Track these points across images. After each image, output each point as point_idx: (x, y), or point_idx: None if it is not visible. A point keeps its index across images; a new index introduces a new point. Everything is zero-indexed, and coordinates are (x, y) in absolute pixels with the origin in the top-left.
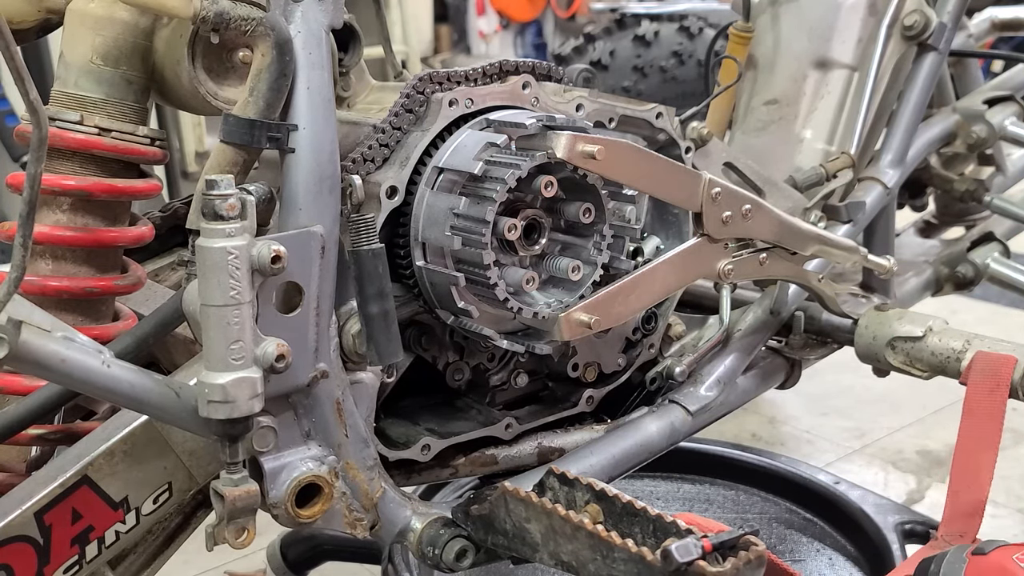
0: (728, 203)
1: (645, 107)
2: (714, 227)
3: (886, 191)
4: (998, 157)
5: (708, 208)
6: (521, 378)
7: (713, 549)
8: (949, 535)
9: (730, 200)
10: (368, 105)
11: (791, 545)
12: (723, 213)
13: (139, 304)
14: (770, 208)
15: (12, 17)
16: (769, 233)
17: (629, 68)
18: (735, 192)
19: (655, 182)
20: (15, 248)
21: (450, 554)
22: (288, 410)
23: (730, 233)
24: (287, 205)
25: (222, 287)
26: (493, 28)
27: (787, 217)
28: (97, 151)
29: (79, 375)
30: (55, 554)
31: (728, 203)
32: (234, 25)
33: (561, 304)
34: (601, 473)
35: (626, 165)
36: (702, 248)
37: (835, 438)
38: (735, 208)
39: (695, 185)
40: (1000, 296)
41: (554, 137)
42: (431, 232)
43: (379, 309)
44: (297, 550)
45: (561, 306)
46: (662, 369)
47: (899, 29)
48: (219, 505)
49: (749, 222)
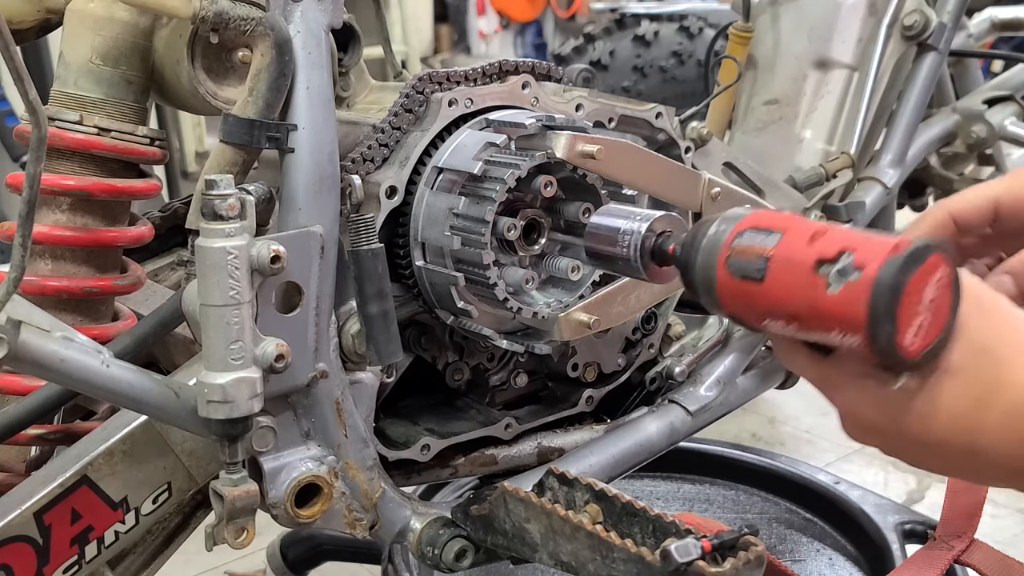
0: (728, 202)
1: (645, 107)
2: None
3: (886, 191)
4: (998, 157)
5: (708, 207)
6: (521, 378)
7: (713, 549)
8: (947, 535)
9: (730, 200)
10: (368, 105)
11: (791, 545)
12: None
13: (139, 304)
14: (769, 208)
15: (12, 17)
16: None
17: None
18: (734, 192)
19: (655, 182)
20: (14, 248)
21: (450, 554)
22: (288, 410)
23: None
24: (287, 205)
25: (221, 287)
26: (493, 28)
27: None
28: (96, 151)
29: (78, 375)
30: (54, 554)
31: (728, 202)
32: (233, 25)
33: (561, 304)
34: (601, 473)
35: (626, 165)
36: None
37: (835, 438)
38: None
39: (695, 185)
40: None
41: (553, 137)
42: (431, 232)
43: (379, 309)
44: (297, 550)
45: (561, 306)
46: (662, 369)
47: (899, 29)
48: (219, 505)
49: None
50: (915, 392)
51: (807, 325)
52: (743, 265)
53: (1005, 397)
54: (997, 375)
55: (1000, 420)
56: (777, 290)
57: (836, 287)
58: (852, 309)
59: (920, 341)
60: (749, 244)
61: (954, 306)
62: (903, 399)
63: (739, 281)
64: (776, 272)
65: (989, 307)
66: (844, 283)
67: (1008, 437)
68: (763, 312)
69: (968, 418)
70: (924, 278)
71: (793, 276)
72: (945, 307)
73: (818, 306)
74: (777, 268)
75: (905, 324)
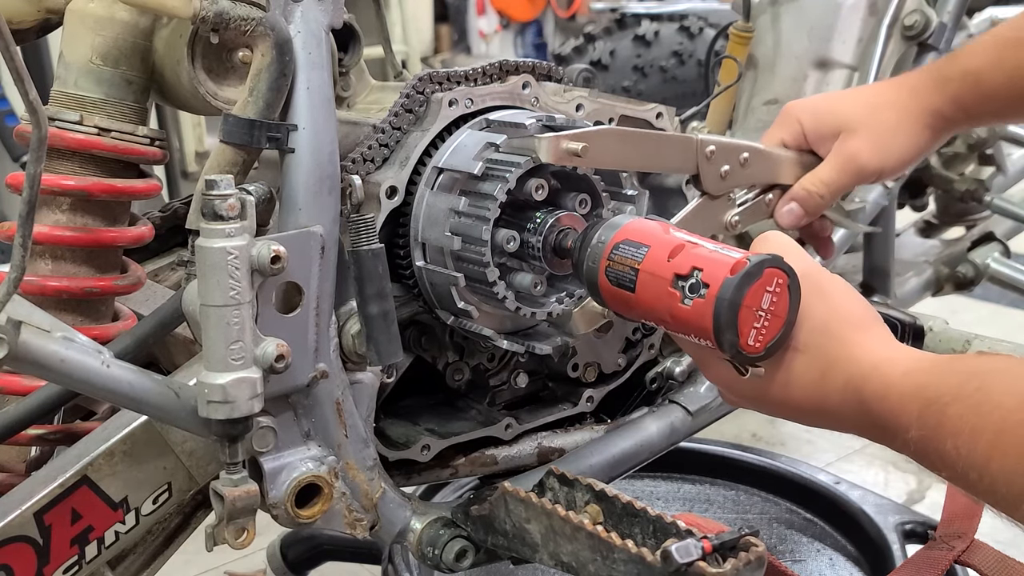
0: (724, 157)
1: (645, 107)
2: (713, 184)
3: (886, 191)
4: (998, 157)
5: (705, 167)
6: (521, 378)
7: (713, 550)
8: (947, 535)
9: (726, 153)
10: (368, 105)
11: (791, 545)
12: (721, 168)
13: (139, 304)
14: (765, 149)
15: (12, 17)
16: (770, 173)
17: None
18: (729, 144)
19: (648, 157)
20: (15, 248)
21: (450, 554)
22: (288, 410)
23: (729, 185)
24: (287, 205)
25: (222, 287)
26: (493, 28)
27: (781, 151)
28: (97, 151)
29: (78, 375)
30: (55, 554)
31: (724, 157)
32: (234, 25)
33: (571, 299)
34: (601, 473)
35: (614, 151)
36: (705, 207)
37: (835, 438)
38: (732, 160)
39: (688, 148)
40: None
41: (536, 142)
42: (431, 232)
43: (379, 309)
44: (297, 550)
45: (572, 301)
46: (662, 369)
47: (899, 29)
48: (219, 505)
49: (749, 169)
50: (772, 370)
51: (671, 327)
52: (619, 275)
53: (842, 370)
54: (836, 351)
55: (840, 389)
56: (645, 299)
57: (688, 302)
58: (702, 321)
59: (761, 341)
60: (623, 256)
61: (794, 304)
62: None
63: (617, 288)
64: (643, 284)
65: (829, 291)
66: (694, 299)
67: (847, 400)
68: (639, 315)
69: (815, 386)
70: (760, 291)
71: (655, 289)
72: (784, 306)
73: (676, 316)
74: (643, 281)
75: (746, 330)
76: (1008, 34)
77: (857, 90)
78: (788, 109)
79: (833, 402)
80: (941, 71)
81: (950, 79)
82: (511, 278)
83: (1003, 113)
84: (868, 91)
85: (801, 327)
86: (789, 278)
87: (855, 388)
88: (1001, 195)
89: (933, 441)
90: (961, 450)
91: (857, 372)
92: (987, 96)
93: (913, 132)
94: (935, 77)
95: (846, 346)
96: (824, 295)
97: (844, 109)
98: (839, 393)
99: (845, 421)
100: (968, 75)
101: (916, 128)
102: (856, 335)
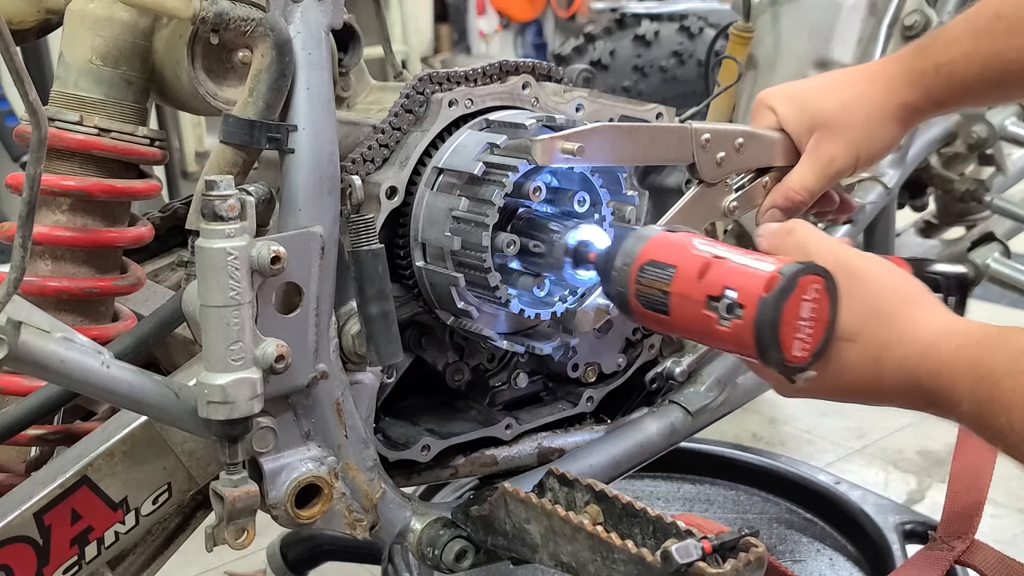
0: (720, 143)
1: (645, 107)
2: (710, 172)
3: (886, 191)
4: (998, 157)
5: (700, 155)
6: (521, 379)
7: (713, 550)
8: (948, 535)
9: (721, 140)
10: (368, 105)
11: (791, 545)
12: (717, 155)
13: (139, 304)
14: (758, 131)
15: (12, 17)
16: (765, 156)
17: (629, 68)
18: (724, 130)
19: (643, 150)
20: (15, 249)
21: (450, 555)
22: (288, 411)
23: (726, 171)
24: (287, 205)
25: (222, 288)
26: (493, 28)
27: (774, 133)
28: (96, 151)
29: (78, 376)
30: (54, 555)
31: (720, 143)
32: (234, 26)
33: (573, 297)
34: (601, 474)
35: (610, 147)
36: (702, 195)
37: (835, 438)
38: (727, 146)
39: (683, 138)
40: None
41: (531, 146)
42: (431, 233)
43: (379, 310)
44: (297, 550)
45: (575, 299)
46: (662, 369)
47: (899, 29)
48: (219, 506)
49: (744, 154)
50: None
51: (714, 346)
52: (650, 299)
53: (896, 351)
54: (888, 333)
55: (895, 370)
56: (681, 322)
57: (726, 323)
58: (743, 342)
59: (807, 349)
60: (651, 279)
61: (833, 303)
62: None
63: (651, 312)
64: (676, 307)
65: (865, 274)
66: (731, 320)
67: (902, 380)
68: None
69: (870, 370)
70: (797, 303)
71: (689, 311)
72: (825, 309)
73: (716, 337)
74: (675, 303)
75: (788, 343)
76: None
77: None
78: (761, 98)
79: (889, 383)
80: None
81: (924, 72)
82: (513, 280)
83: (974, 101)
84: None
85: (847, 316)
86: (825, 280)
87: (911, 368)
88: (1001, 195)
89: (987, 416)
90: (1015, 424)
91: (912, 351)
92: (960, 87)
93: (886, 129)
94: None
95: (897, 326)
96: (862, 279)
97: (818, 105)
98: (894, 374)
99: (900, 398)
100: (942, 68)
101: (889, 124)
102: (906, 311)
